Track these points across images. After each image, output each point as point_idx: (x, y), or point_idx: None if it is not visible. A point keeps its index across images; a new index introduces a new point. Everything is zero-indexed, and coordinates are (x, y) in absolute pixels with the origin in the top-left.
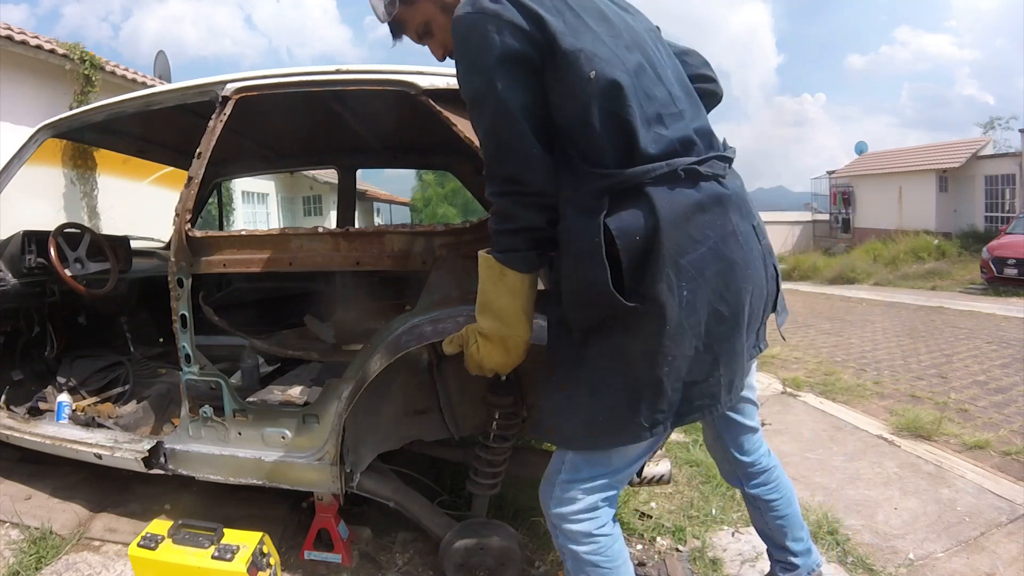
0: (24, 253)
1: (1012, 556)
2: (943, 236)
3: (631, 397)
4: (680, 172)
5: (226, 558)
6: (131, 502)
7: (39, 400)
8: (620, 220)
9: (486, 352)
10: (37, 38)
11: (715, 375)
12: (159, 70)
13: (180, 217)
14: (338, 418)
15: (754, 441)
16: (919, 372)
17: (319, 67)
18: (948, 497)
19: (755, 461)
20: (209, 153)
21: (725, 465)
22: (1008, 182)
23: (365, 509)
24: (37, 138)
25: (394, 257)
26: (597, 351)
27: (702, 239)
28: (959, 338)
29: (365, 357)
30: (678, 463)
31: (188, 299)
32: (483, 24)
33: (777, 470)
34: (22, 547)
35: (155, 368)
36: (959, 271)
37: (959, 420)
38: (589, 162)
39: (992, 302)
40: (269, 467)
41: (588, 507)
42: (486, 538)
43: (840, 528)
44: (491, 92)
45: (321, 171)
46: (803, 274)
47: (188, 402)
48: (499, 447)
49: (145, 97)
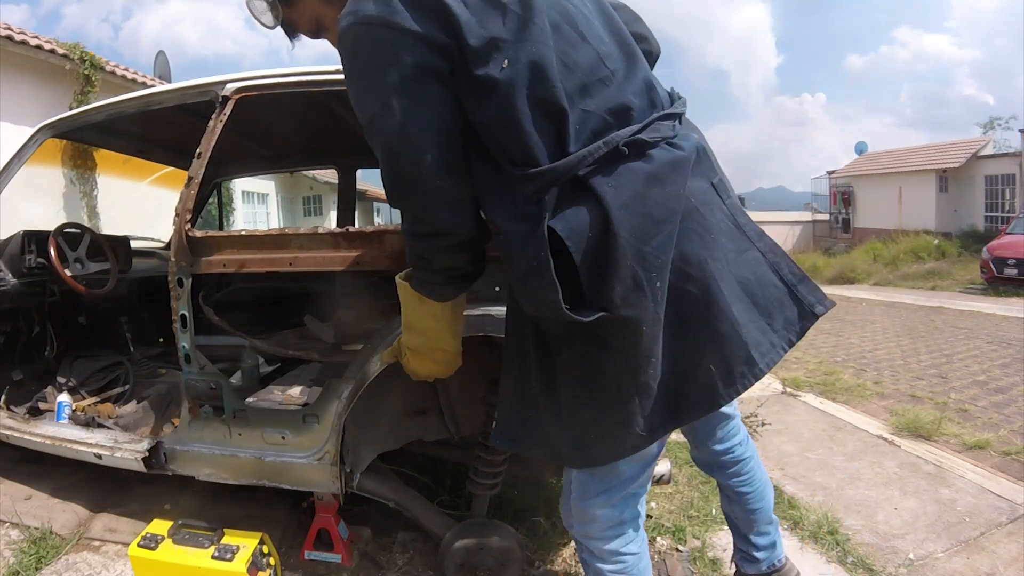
0: (24, 253)
1: (1012, 556)
2: (943, 236)
3: (620, 409)
4: (622, 148)
5: (226, 558)
6: (131, 502)
7: (39, 400)
8: (565, 219)
9: (416, 363)
10: (37, 38)
11: (703, 364)
12: (159, 70)
13: (180, 217)
14: (338, 418)
15: (729, 428)
16: (919, 372)
17: (319, 67)
18: (948, 497)
19: (729, 449)
20: (209, 153)
21: (697, 452)
22: (1008, 182)
23: (365, 509)
24: (37, 138)
25: (394, 257)
26: (572, 364)
27: (665, 217)
28: (959, 338)
29: (365, 357)
30: (678, 463)
31: (188, 299)
32: (369, 36)
33: (752, 461)
34: (22, 547)
35: (155, 368)
36: (959, 271)
37: (959, 420)
38: (518, 164)
39: (992, 302)
40: (269, 467)
41: (612, 522)
42: (486, 538)
43: (840, 528)
44: (387, 117)
45: (321, 171)
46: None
47: (188, 402)
48: (499, 447)
49: (145, 97)
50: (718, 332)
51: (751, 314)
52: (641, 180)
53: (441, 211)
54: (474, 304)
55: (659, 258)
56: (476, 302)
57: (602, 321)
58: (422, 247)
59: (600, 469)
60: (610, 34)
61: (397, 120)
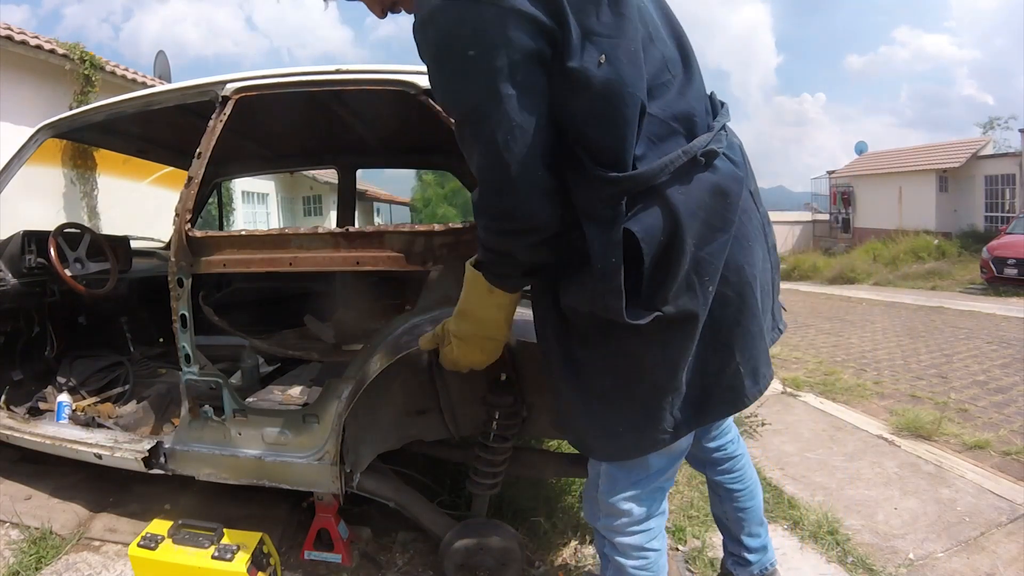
0: (24, 253)
1: (1012, 556)
2: (943, 236)
3: (652, 405)
4: (700, 158)
5: (226, 558)
6: (131, 502)
7: (39, 400)
8: (640, 223)
9: (462, 352)
10: (37, 38)
11: (732, 365)
12: (159, 70)
13: (180, 217)
14: (338, 418)
15: (722, 426)
16: (919, 372)
17: (319, 67)
18: (948, 497)
19: (721, 446)
20: (209, 153)
21: (691, 448)
22: (1008, 182)
23: (365, 509)
24: (37, 138)
25: (394, 257)
26: (607, 356)
27: (722, 226)
28: (959, 338)
29: (365, 357)
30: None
31: (188, 299)
32: (476, 15)
33: (744, 459)
34: (22, 547)
35: (155, 368)
36: (959, 271)
37: (959, 420)
38: (603, 164)
39: (992, 302)
40: (269, 467)
41: (638, 517)
42: (486, 538)
43: (840, 528)
44: (496, 107)
45: (321, 171)
46: (803, 274)
47: (188, 402)
48: (499, 447)
49: (145, 97)
50: (749, 333)
51: (767, 319)
52: (707, 190)
53: (537, 205)
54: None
55: (712, 263)
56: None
57: (655, 321)
58: (511, 244)
59: (630, 463)
60: (671, 36)
61: (506, 108)
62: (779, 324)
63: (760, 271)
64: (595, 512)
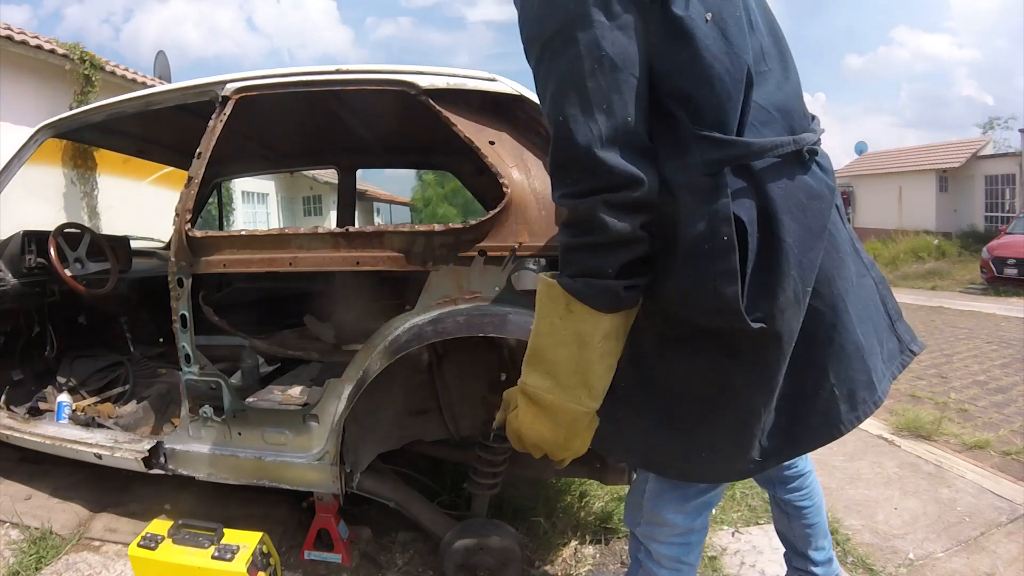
0: (24, 253)
1: (1012, 556)
2: (943, 236)
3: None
4: (805, 153)
5: (226, 558)
6: (131, 502)
7: (39, 400)
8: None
9: (527, 419)
10: (37, 38)
11: (825, 387)
12: (159, 70)
13: (180, 217)
14: (338, 418)
15: None
16: (919, 372)
17: (319, 67)
18: (948, 497)
19: (792, 463)
20: (209, 153)
21: None
22: (1008, 182)
23: (365, 509)
24: (37, 138)
25: (394, 257)
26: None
27: (819, 232)
28: (959, 338)
29: (365, 357)
30: None
31: (188, 299)
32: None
33: (811, 476)
34: (22, 547)
35: (155, 368)
36: (959, 271)
37: (959, 420)
38: (704, 123)
39: (992, 302)
40: (269, 467)
41: (682, 529)
42: (486, 538)
43: (840, 528)
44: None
45: (321, 171)
46: None
47: (188, 402)
48: (499, 447)
49: (145, 97)
50: (844, 351)
51: (870, 340)
52: (803, 191)
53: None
54: (472, 302)
55: (811, 272)
56: (475, 300)
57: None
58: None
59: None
60: (768, 31)
61: (596, 33)
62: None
63: (855, 286)
64: (636, 517)
